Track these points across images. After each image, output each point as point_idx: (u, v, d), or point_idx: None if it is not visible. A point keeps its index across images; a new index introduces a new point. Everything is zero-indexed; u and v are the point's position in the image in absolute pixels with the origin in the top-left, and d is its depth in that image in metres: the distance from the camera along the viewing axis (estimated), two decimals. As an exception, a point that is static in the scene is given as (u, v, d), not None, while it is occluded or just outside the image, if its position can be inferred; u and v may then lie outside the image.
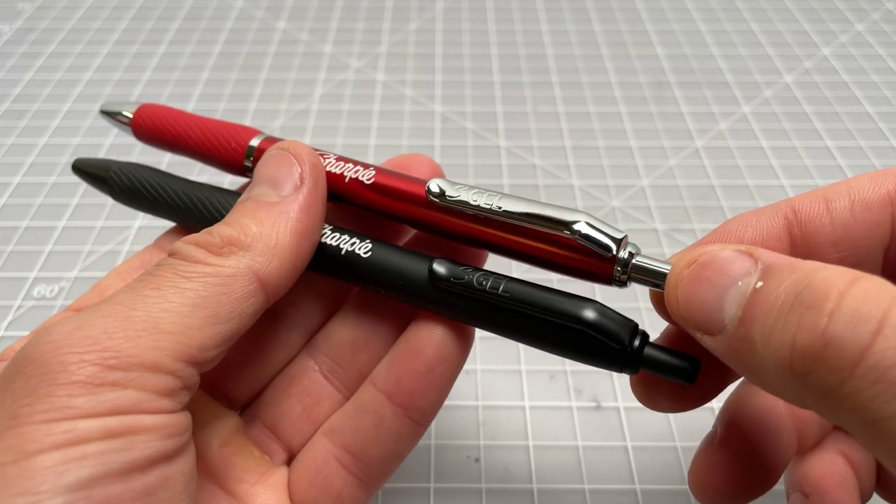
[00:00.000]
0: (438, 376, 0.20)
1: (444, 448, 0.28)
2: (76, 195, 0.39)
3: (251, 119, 0.45)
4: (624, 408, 0.30)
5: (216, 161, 0.24)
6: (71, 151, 0.42)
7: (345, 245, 0.21)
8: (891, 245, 0.18)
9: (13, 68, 0.49)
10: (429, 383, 0.20)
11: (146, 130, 0.24)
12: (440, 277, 0.19)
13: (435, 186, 0.20)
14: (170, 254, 0.18)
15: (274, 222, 0.19)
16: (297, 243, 0.19)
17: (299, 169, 0.20)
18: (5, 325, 0.33)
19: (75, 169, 0.25)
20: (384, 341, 0.22)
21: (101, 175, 0.24)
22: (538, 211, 0.19)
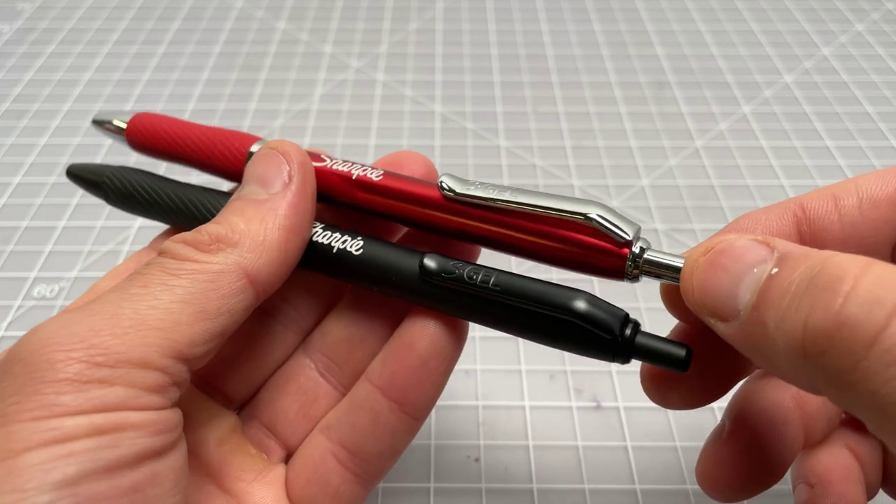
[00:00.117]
0: (433, 370, 0.21)
1: (444, 448, 0.28)
2: (76, 195, 0.39)
3: (251, 119, 0.45)
4: (624, 408, 0.30)
5: (216, 169, 0.23)
6: (71, 151, 0.42)
7: (336, 243, 0.21)
8: None
9: (13, 68, 0.49)
10: (423, 377, 0.21)
11: (141, 140, 0.24)
12: (431, 272, 0.20)
13: (447, 184, 0.20)
14: (159, 253, 0.18)
15: (262, 219, 0.19)
16: (286, 239, 0.19)
17: (287, 167, 0.20)
18: (5, 325, 0.33)
19: (70, 174, 0.25)
20: (379, 338, 0.22)
21: (96, 180, 0.24)
22: (553, 202, 0.19)
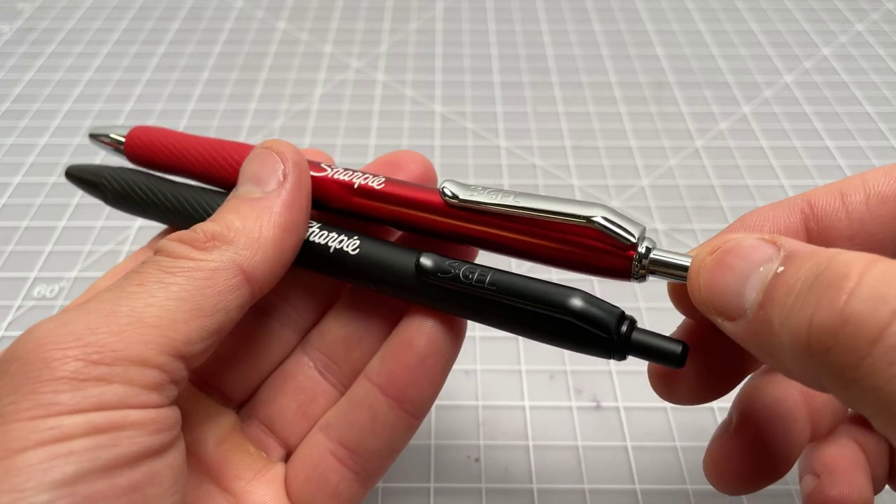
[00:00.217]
0: (431, 368, 0.21)
1: (444, 448, 0.28)
2: (76, 195, 0.39)
3: (251, 119, 0.45)
4: (624, 408, 0.30)
5: (218, 181, 0.23)
6: (71, 151, 0.42)
7: (333, 242, 0.21)
8: None
9: (13, 68, 0.49)
10: (422, 375, 0.21)
11: (140, 154, 0.24)
12: (427, 272, 0.20)
13: (450, 189, 0.20)
14: (155, 251, 0.18)
15: (257, 217, 0.19)
16: (281, 237, 0.19)
17: (282, 166, 0.20)
18: (5, 325, 0.33)
19: (69, 175, 0.25)
20: (377, 336, 0.22)
21: (94, 181, 0.24)
22: (557, 206, 0.19)
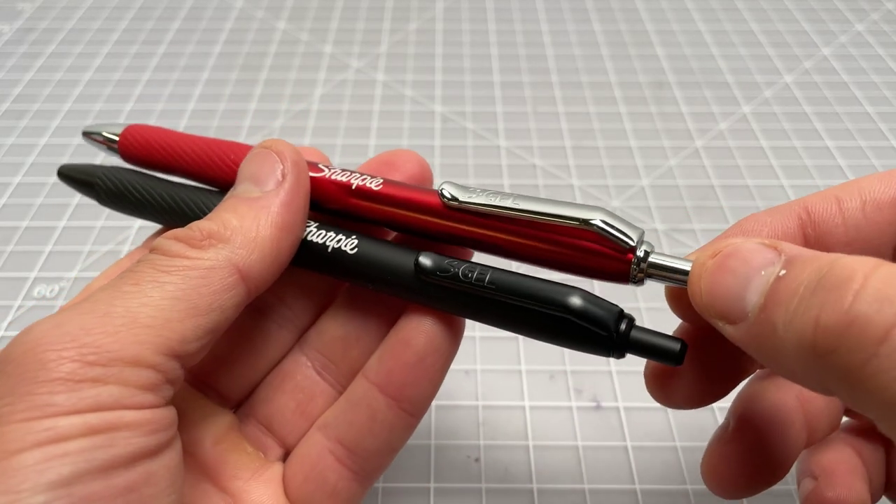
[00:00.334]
0: (429, 366, 0.21)
1: (444, 448, 0.28)
2: (76, 195, 0.39)
3: (251, 119, 0.45)
4: (624, 408, 0.30)
5: (214, 181, 0.23)
6: (71, 151, 0.42)
7: (331, 242, 0.21)
8: None
9: (13, 68, 0.49)
10: (420, 374, 0.21)
11: (135, 153, 0.24)
12: (426, 271, 0.20)
13: (448, 191, 0.20)
14: (151, 250, 0.18)
15: (255, 216, 0.19)
16: (278, 236, 0.19)
17: (281, 166, 0.20)
18: (5, 325, 0.33)
19: (61, 175, 0.25)
20: (375, 335, 0.22)
21: (88, 180, 0.24)
22: (556, 208, 0.19)
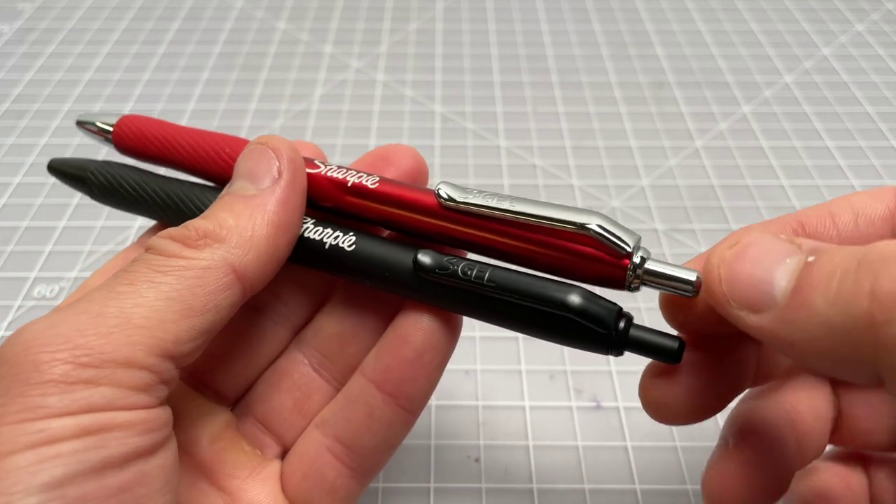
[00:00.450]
0: (427, 363, 0.20)
1: (444, 448, 0.28)
2: (76, 195, 0.39)
3: (251, 119, 0.45)
4: (624, 408, 0.30)
5: (209, 174, 0.23)
6: (71, 151, 0.42)
7: (328, 238, 0.21)
8: None
9: (13, 68, 0.49)
10: (418, 371, 0.20)
11: (129, 144, 0.23)
12: (425, 268, 0.19)
13: (445, 191, 0.20)
14: (146, 249, 0.18)
15: (251, 215, 0.19)
16: (274, 235, 0.19)
17: (277, 163, 0.20)
18: (5, 326, 0.33)
19: (51, 169, 0.24)
20: (372, 332, 0.22)
21: (79, 175, 0.23)
22: (553, 212, 0.19)
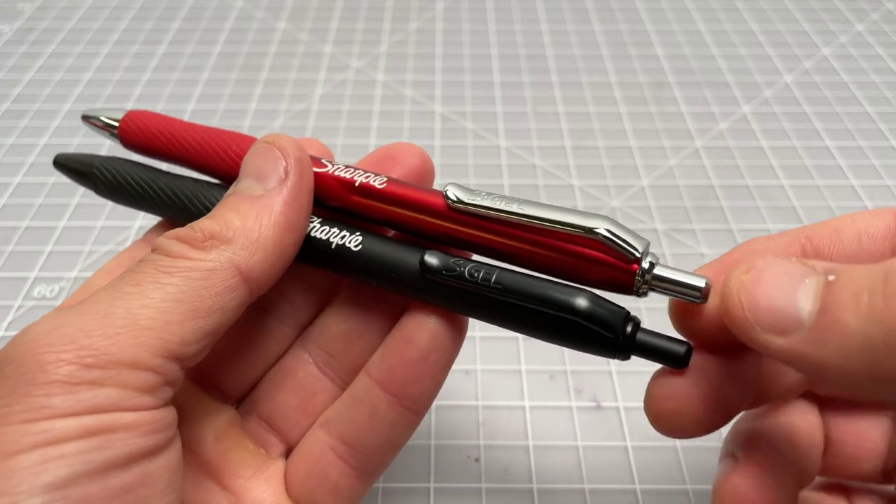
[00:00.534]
0: (432, 364, 0.20)
1: (444, 448, 0.28)
2: (76, 195, 0.39)
3: (251, 119, 0.45)
4: (624, 408, 0.30)
5: (215, 171, 0.23)
6: (71, 151, 0.42)
7: (335, 238, 0.20)
8: None
9: (13, 68, 0.49)
10: (423, 372, 0.20)
11: (135, 140, 0.23)
12: (432, 270, 0.19)
13: (453, 193, 0.20)
14: (152, 249, 0.18)
15: (257, 216, 0.19)
16: (281, 236, 0.19)
17: (284, 162, 0.20)
18: (5, 326, 0.33)
19: (57, 164, 0.24)
20: (378, 332, 0.22)
21: (84, 170, 0.23)
22: (561, 215, 0.19)
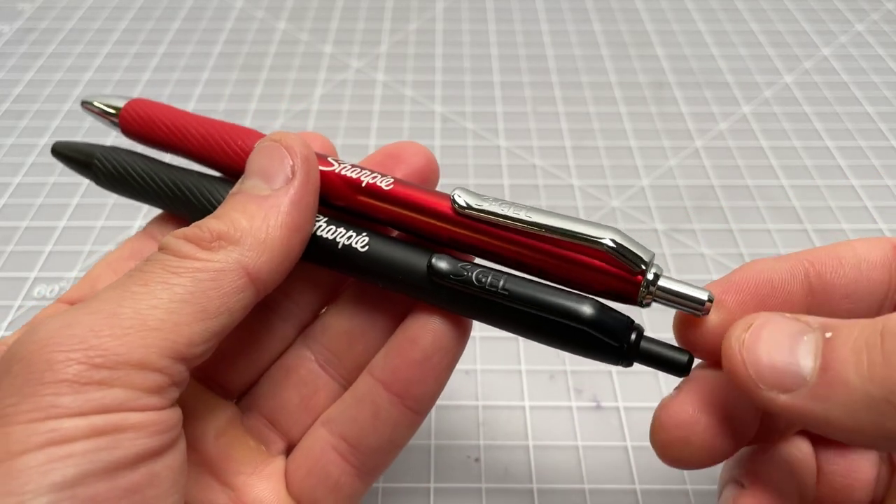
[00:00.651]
0: (435, 365, 0.20)
1: (444, 448, 0.28)
2: (76, 195, 0.39)
3: (251, 119, 0.45)
4: (624, 408, 0.30)
5: (219, 165, 0.23)
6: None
7: (341, 238, 0.20)
8: (892, 299, 0.19)
9: (13, 68, 0.49)
10: (426, 372, 0.20)
11: (136, 128, 0.23)
12: (439, 273, 0.19)
13: (461, 198, 0.20)
14: (160, 248, 0.18)
15: (264, 216, 0.19)
16: (288, 237, 0.19)
17: (291, 162, 0.20)
18: (5, 325, 0.33)
19: (56, 153, 0.24)
20: (381, 331, 0.22)
21: (85, 160, 0.23)
22: (568, 224, 0.19)
